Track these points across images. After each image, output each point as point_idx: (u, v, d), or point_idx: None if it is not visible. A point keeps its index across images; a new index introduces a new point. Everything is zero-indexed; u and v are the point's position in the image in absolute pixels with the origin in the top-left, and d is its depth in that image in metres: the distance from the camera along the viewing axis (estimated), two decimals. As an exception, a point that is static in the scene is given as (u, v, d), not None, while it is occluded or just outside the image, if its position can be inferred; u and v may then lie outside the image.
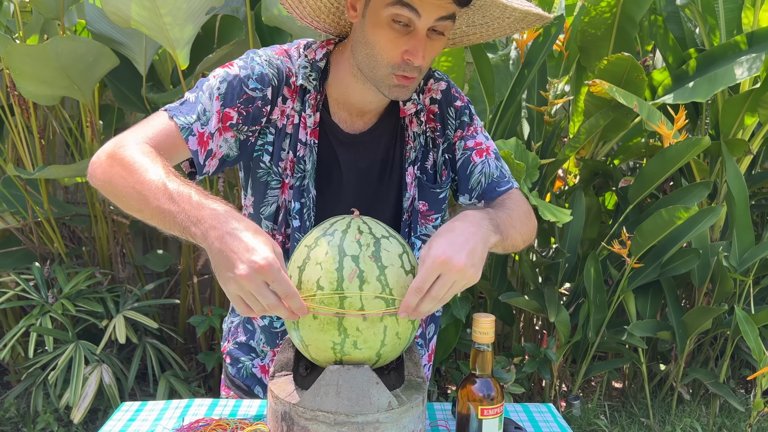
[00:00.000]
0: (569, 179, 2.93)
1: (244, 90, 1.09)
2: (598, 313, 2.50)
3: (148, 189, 0.92)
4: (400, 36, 1.02)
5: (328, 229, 0.96)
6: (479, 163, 1.22)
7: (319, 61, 1.15)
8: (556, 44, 2.52)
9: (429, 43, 1.04)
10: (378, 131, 1.20)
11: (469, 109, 1.26)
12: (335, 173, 1.19)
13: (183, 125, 1.04)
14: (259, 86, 1.10)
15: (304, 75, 1.13)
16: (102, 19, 2.43)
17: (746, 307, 2.61)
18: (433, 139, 1.23)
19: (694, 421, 2.70)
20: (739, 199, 2.48)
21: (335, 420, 0.89)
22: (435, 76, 1.25)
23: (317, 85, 1.15)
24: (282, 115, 1.14)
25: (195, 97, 1.08)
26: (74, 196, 3.10)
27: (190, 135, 1.05)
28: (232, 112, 1.08)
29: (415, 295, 0.89)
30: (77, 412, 2.32)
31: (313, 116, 1.14)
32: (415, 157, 1.21)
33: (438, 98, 1.23)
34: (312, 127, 1.15)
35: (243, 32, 2.38)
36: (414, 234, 1.23)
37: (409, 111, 1.19)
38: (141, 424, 1.18)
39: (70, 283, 2.51)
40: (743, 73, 2.27)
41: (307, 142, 1.15)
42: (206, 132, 1.06)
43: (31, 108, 2.54)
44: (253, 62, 1.12)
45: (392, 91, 1.08)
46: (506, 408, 1.26)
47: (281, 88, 1.13)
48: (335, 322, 0.91)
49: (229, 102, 1.08)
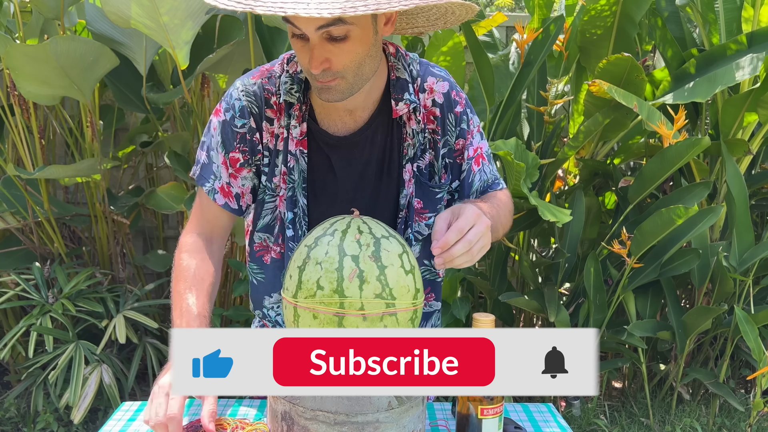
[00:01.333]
0: (569, 179, 2.93)
1: (235, 131, 1.18)
2: (598, 313, 2.50)
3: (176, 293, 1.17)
4: (303, 45, 1.05)
5: (328, 229, 0.96)
6: (477, 172, 1.25)
7: (300, 74, 1.19)
8: (556, 44, 2.53)
9: (333, 48, 1.03)
10: (370, 129, 1.20)
11: (467, 113, 1.25)
12: (329, 178, 1.20)
13: (208, 190, 1.21)
14: (244, 121, 1.18)
15: (286, 90, 1.17)
16: (102, 19, 2.43)
17: (746, 307, 2.61)
18: (433, 140, 1.23)
19: (694, 421, 2.70)
20: (739, 199, 2.48)
21: (335, 420, 0.89)
22: (435, 74, 1.23)
23: (300, 97, 1.18)
24: (271, 135, 1.20)
25: (207, 156, 1.22)
26: (74, 196, 3.10)
27: (215, 194, 1.21)
28: (235, 154, 1.19)
29: (456, 234, 0.97)
30: (77, 413, 2.33)
31: (298, 127, 1.18)
32: (414, 154, 1.21)
33: (440, 102, 1.22)
34: (299, 138, 1.18)
35: (243, 32, 2.38)
36: (410, 230, 1.23)
37: (401, 112, 1.18)
38: (141, 424, 1.18)
39: (70, 283, 2.51)
40: (743, 73, 2.27)
41: (295, 153, 1.18)
42: (223, 184, 1.21)
43: (31, 108, 2.54)
44: (232, 99, 1.19)
45: (320, 94, 1.10)
46: (506, 408, 1.26)
47: (262, 111, 1.19)
48: (335, 322, 0.91)
49: (229, 147, 1.19)
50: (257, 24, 2.41)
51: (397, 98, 1.17)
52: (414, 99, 1.18)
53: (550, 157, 2.59)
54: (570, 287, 2.80)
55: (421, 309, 1.00)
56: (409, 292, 0.95)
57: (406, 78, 1.18)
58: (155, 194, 2.57)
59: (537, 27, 2.61)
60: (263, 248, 1.25)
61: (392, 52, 1.20)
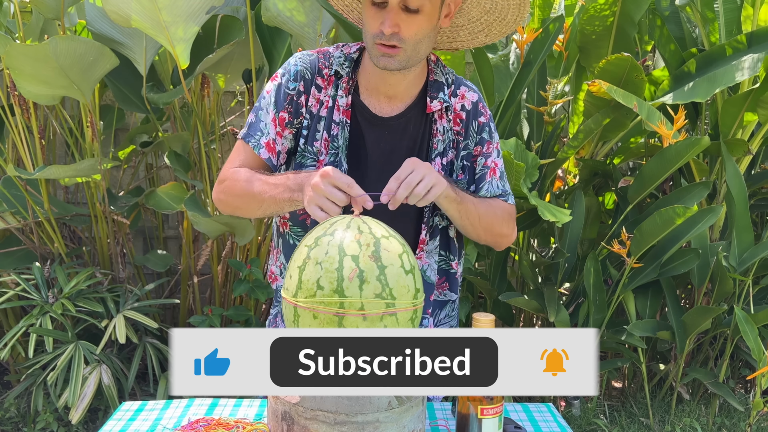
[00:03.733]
0: (569, 179, 2.93)
1: (287, 93, 1.33)
2: (597, 312, 2.50)
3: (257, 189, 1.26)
4: (378, 12, 1.22)
5: (329, 229, 0.97)
6: (487, 182, 1.38)
7: (353, 53, 1.36)
8: (556, 44, 2.53)
9: (405, 17, 1.20)
10: (405, 118, 1.34)
11: (490, 126, 1.39)
12: (362, 152, 1.34)
13: (254, 145, 1.33)
14: (296, 84, 1.33)
15: (338, 62, 1.33)
16: (102, 19, 2.43)
17: (746, 306, 2.61)
18: (456, 141, 1.36)
19: (693, 421, 2.70)
20: (739, 199, 2.48)
21: (335, 419, 0.89)
22: (468, 85, 1.39)
23: (349, 72, 1.33)
24: (317, 102, 1.33)
25: (255, 116, 1.34)
26: (74, 196, 3.10)
27: (260, 149, 1.32)
28: (284, 114, 1.33)
29: (394, 181, 1.16)
30: (75, 413, 2.32)
31: (345, 98, 1.32)
32: (443, 149, 1.34)
33: (468, 108, 1.37)
34: (344, 108, 1.32)
35: (243, 32, 2.38)
36: (436, 218, 1.36)
37: (435, 108, 1.33)
38: (141, 424, 1.18)
39: (70, 283, 2.51)
40: (743, 73, 2.27)
41: (340, 122, 1.32)
42: (270, 140, 1.33)
43: (32, 108, 2.54)
44: (289, 65, 1.35)
45: (380, 61, 1.24)
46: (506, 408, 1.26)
47: (314, 78, 1.33)
48: (335, 322, 0.91)
49: (280, 107, 1.32)
50: (257, 24, 2.41)
51: (432, 96, 1.34)
52: (447, 99, 1.34)
53: (550, 157, 2.59)
54: (570, 287, 2.81)
55: (421, 309, 1.00)
56: (409, 292, 0.95)
57: (443, 82, 1.35)
58: (155, 194, 2.57)
59: (537, 27, 2.61)
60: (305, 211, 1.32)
61: (434, 60, 1.38)
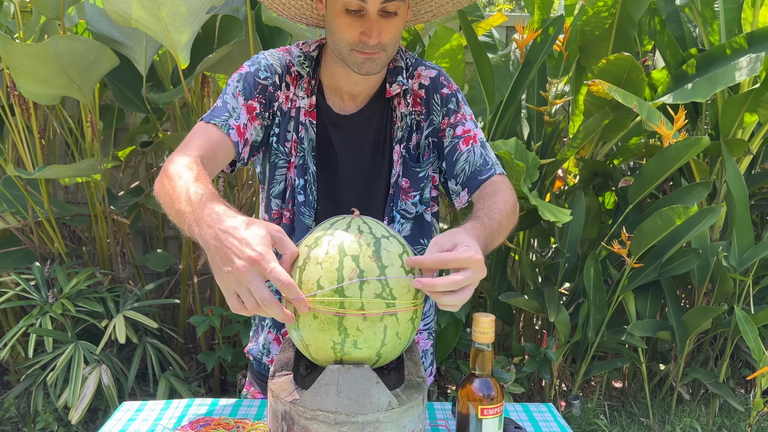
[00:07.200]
0: (569, 179, 2.93)
1: (257, 81, 1.25)
2: (597, 313, 2.50)
3: (175, 193, 1.00)
4: (355, 20, 1.15)
5: (329, 229, 0.97)
6: (465, 151, 1.29)
7: (312, 52, 1.31)
8: (556, 44, 2.53)
9: (384, 22, 1.16)
10: (368, 112, 1.30)
11: (457, 96, 1.34)
12: (331, 151, 1.30)
13: (221, 124, 1.19)
14: (267, 74, 1.27)
15: (298, 62, 1.29)
16: (102, 19, 2.43)
17: (746, 307, 2.61)
18: (418, 122, 1.32)
19: (693, 421, 2.70)
20: (739, 199, 2.48)
21: (335, 420, 0.89)
22: (425, 64, 1.35)
23: (310, 72, 1.29)
24: (286, 99, 1.28)
25: (222, 101, 1.23)
26: (74, 196, 3.10)
27: (229, 129, 1.20)
28: (254, 102, 1.25)
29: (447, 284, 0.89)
30: (74, 413, 2.32)
31: (307, 99, 1.28)
32: (402, 136, 1.31)
33: (426, 84, 1.32)
34: (308, 109, 1.28)
35: (243, 32, 2.38)
36: (396, 208, 1.31)
37: (394, 92, 1.29)
38: (141, 424, 1.18)
39: (70, 283, 2.51)
40: (743, 73, 2.27)
41: (305, 123, 1.28)
42: (241, 124, 1.22)
43: (32, 108, 2.54)
44: (258, 58, 1.29)
45: (361, 67, 1.20)
46: (506, 408, 1.26)
47: (284, 75, 1.28)
48: (335, 322, 0.91)
49: (249, 95, 1.24)
50: (257, 24, 2.41)
51: (390, 81, 1.30)
52: (405, 82, 1.30)
53: (550, 157, 2.59)
54: (570, 287, 2.81)
55: (421, 309, 1.00)
56: (409, 291, 0.95)
57: (402, 66, 1.31)
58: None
59: (537, 27, 2.61)
60: (279, 215, 1.32)
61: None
